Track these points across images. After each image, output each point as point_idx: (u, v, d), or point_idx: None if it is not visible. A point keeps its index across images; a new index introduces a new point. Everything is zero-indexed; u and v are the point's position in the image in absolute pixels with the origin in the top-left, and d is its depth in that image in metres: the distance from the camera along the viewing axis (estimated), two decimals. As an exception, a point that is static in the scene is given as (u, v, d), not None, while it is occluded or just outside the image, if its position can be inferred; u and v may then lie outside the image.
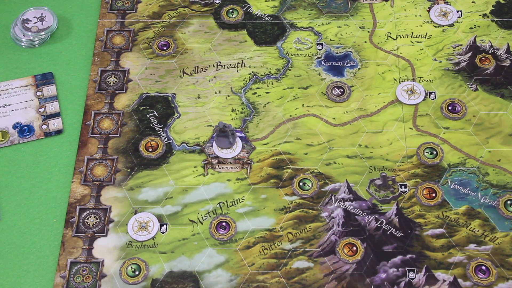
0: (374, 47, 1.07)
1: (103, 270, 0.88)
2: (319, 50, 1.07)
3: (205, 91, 1.03)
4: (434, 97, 1.02)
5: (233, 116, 1.01)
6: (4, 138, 0.99)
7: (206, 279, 0.87)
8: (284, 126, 1.00)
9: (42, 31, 1.08)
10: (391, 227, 0.91)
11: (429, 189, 0.93)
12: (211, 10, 1.12)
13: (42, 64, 1.06)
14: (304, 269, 0.88)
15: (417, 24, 1.09)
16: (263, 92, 1.03)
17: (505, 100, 1.02)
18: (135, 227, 0.91)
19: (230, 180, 0.95)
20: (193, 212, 0.92)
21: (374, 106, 1.01)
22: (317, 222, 0.91)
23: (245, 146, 0.98)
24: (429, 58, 1.06)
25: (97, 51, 1.07)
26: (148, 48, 1.08)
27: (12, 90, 1.03)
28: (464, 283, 0.86)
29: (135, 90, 1.03)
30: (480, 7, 1.11)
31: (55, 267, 0.89)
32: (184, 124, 1.00)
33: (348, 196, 0.93)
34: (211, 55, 1.07)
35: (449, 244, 0.89)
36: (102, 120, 1.00)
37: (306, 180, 0.94)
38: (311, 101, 1.02)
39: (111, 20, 1.10)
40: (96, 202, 0.93)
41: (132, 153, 0.97)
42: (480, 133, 0.98)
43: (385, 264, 0.88)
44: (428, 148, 0.97)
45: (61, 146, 0.99)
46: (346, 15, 1.11)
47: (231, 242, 0.90)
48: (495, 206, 0.92)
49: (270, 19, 1.11)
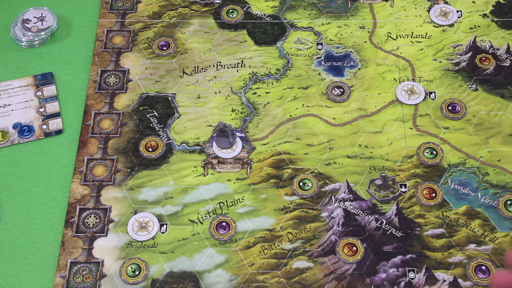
0: (374, 47, 1.07)
1: (103, 270, 0.88)
2: (319, 50, 1.07)
3: (205, 91, 1.03)
4: (434, 97, 1.02)
5: (233, 116, 1.01)
6: (4, 138, 0.99)
7: (206, 279, 0.87)
8: (284, 126, 1.00)
9: (42, 31, 1.08)
10: (391, 227, 0.91)
11: (429, 189, 0.93)
12: (211, 10, 1.12)
13: (42, 64, 1.06)
14: (304, 269, 0.88)
15: (417, 24, 1.09)
16: (263, 92, 1.03)
17: (505, 100, 1.02)
18: (135, 227, 0.91)
19: (230, 180, 0.95)
20: (193, 212, 0.92)
21: (374, 106, 1.01)
22: (317, 222, 0.91)
23: (245, 146, 0.98)
24: (429, 58, 1.06)
25: (97, 51, 1.07)
26: (148, 48, 1.08)
27: (12, 90, 1.03)
28: (464, 283, 0.86)
29: (135, 90, 1.03)
30: (480, 7, 1.11)
31: (55, 267, 0.89)
32: (184, 124, 1.00)
33: (348, 196, 0.93)
34: (211, 55, 1.07)
35: (449, 244, 0.89)
36: (102, 120, 1.00)
37: (306, 180, 0.94)
38: (311, 101, 1.02)
39: (111, 20, 1.10)
40: (96, 202, 0.93)
41: (132, 153, 0.97)
42: (480, 133, 0.98)
43: (385, 264, 0.88)
44: (428, 148, 0.97)
45: (61, 146, 0.99)
46: (346, 15, 1.11)
47: (231, 242, 0.90)
48: (495, 206, 0.92)
49: (270, 19, 1.11)
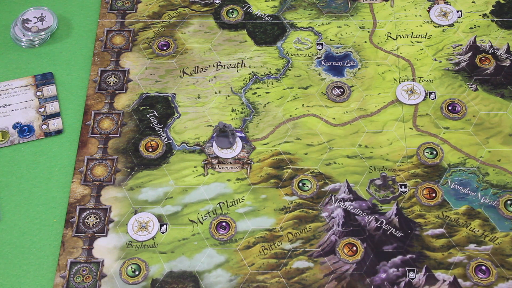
0: (374, 47, 1.07)
1: (103, 270, 0.88)
2: (319, 50, 1.07)
3: (205, 91, 1.03)
4: (434, 97, 1.02)
5: (233, 116, 1.01)
6: (4, 138, 0.99)
7: (206, 279, 0.87)
8: (284, 126, 1.00)
9: (42, 31, 1.08)
10: (391, 227, 0.91)
11: (429, 189, 0.93)
12: (211, 10, 1.12)
13: (42, 64, 1.06)
14: (304, 269, 0.88)
15: (417, 24, 1.09)
16: (263, 92, 1.03)
17: (505, 100, 1.02)
18: (135, 227, 0.91)
19: (230, 180, 0.95)
20: (193, 212, 0.92)
21: (374, 106, 1.01)
22: (317, 222, 0.91)
23: (245, 146, 0.98)
24: (429, 58, 1.06)
25: (97, 51, 1.07)
26: (148, 48, 1.08)
27: (12, 90, 1.03)
28: (464, 283, 0.86)
29: (135, 90, 1.03)
30: (480, 7, 1.11)
31: (55, 267, 0.89)
32: (184, 124, 1.00)
33: (348, 196, 0.93)
34: (211, 55, 1.07)
35: (449, 244, 0.89)
36: (102, 120, 1.00)
37: (306, 180, 0.94)
38: (311, 101, 1.02)
39: (111, 20, 1.10)
40: (96, 202, 0.93)
41: (132, 153, 0.97)
42: (480, 133, 0.98)
43: (385, 264, 0.88)
44: (428, 148, 0.97)
45: (61, 146, 0.99)
46: (346, 15, 1.11)
47: (231, 242, 0.90)
48: (495, 206, 0.92)
49: (270, 19, 1.11)
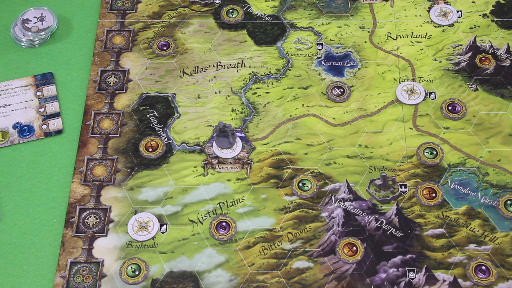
0: (374, 47, 1.07)
1: (103, 270, 0.88)
2: (319, 50, 1.07)
3: (205, 91, 1.03)
4: (434, 97, 1.02)
5: (233, 116, 1.01)
6: (4, 138, 0.99)
7: (206, 279, 0.87)
8: (284, 126, 1.00)
9: (42, 31, 1.08)
10: (391, 227, 0.91)
11: (429, 189, 0.93)
12: (211, 10, 1.12)
13: (42, 64, 1.06)
14: (304, 269, 0.88)
15: (417, 24, 1.09)
16: (263, 92, 1.03)
17: (505, 100, 1.02)
18: (135, 227, 0.91)
19: (230, 180, 0.95)
20: (193, 212, 0.92)
21: (374, 106, 1.01)
22: (317, 222, 0.91)
23: (245, 146, 0.98)
24: (429, 58, 1.06)
25: (97, 51, 1.07)
26: (148, 48, 1.08)
27: (12, 90, 1.03)
28: (464, 283, 0.86)
29: (135, 90, 1.03)
30: (480, 7, 1.11)
31: (55, 267, 0.89)
32: (184, 124, 1.00)
33: (348, 196, 0.93)
34: (211, 55, 1.07)
35: (449, 244, 0.89)
36: (102, 120, 1.00)
37: (306, 181, 0.94)
38: (311, 101, 1.02)
39: (111, 20, 1.10)
40: (96, 202, 0.93)
41: (132, 153, 0.97)
42: (480, 133, 0.98)
43: (385, 264, 0.88)
44: (428, 148, 0.97)
45: (61, 146, 0.99)
46: (346, 15, 1.11)
47: (231, 242, 0.90)
48: (495, 206, 0.92)
49: (270, 19, 1.11)
